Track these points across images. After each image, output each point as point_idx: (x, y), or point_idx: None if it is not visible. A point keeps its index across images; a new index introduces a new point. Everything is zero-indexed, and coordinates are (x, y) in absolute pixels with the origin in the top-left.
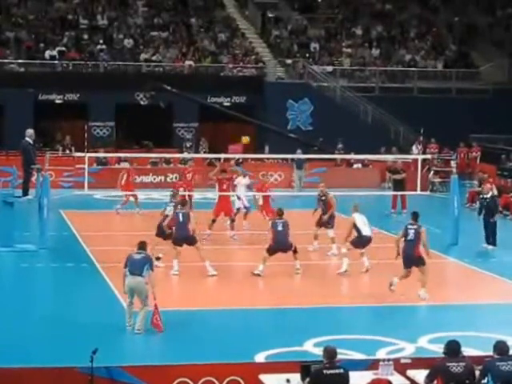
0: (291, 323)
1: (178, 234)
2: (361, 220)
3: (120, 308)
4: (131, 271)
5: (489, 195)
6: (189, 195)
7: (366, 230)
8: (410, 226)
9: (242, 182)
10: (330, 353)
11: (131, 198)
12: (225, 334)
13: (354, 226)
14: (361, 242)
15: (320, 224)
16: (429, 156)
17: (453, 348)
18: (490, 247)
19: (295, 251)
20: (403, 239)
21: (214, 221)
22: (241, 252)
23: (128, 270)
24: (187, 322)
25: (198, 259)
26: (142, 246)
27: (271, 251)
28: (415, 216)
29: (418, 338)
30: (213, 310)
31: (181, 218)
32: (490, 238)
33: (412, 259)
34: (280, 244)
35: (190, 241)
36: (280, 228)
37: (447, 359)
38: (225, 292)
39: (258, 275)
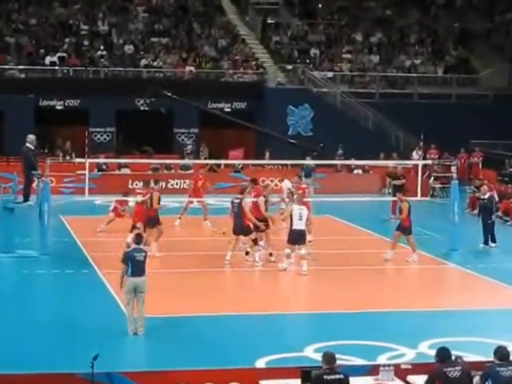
0: (292, 329)
1: None
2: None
3: (121, 314)
4: (136, 273)
5: (486, 196)
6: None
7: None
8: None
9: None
10: (329, 358)
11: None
12: (225, 339)
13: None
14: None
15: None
16: (429, 162)
17: (445, 354)
18: (493, 245)
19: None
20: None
21: None
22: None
23: (130, 272)
24: (188, 327)
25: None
26: (140, 239)
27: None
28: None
29: (419, 344)
30: (213, 315)
31: None
32: (489, 237)
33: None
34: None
35: None
36: (236, 210)
37: (444, 364)
38: (225, 297)
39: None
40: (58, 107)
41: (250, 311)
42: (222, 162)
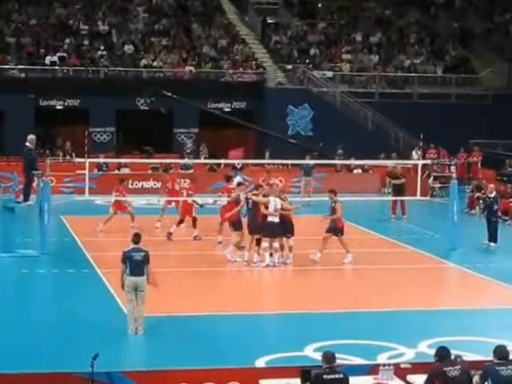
0: (292, 328)
1: None
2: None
3: (121, 313)
4: (134, 272)
5: (492, 195)
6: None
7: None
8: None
9: None
10: (328, 357)
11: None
12: (225, 338)
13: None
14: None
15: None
16: (429, 161)
17: (444, 354)
18: (492, 244)
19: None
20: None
21: None
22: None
23: (129, 271)
24: (188, 327)
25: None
26: (138, 239)
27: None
28: None
29: (418, 343)
30: (213, 315)
31: None
32: (492, 236)
33: None
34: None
35: None
36: (250, 207)
37: (443, 364)
38: (225, 297)
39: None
40: (58, 107)
41: (250, 311)
42: (222, 161)
